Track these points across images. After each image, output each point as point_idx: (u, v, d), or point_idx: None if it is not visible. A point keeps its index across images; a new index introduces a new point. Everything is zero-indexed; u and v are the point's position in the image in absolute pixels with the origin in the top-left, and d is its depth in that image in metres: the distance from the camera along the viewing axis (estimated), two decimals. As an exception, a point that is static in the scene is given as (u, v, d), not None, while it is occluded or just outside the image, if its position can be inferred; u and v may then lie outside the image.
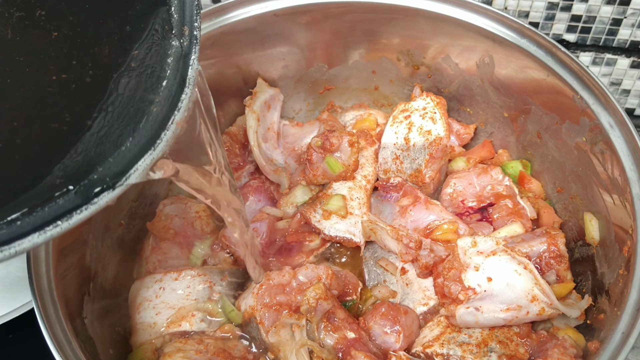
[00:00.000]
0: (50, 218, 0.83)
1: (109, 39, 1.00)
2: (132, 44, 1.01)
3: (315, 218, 1.59)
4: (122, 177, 0.88)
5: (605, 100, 1.42)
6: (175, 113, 0.96)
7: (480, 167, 1.69)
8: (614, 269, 1.39)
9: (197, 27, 1.04)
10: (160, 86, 0.98)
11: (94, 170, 0.87)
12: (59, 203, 0.84)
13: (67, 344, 1.17)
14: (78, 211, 0.84)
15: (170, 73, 0.99)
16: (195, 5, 1.05)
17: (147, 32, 1.02)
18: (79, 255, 1.42)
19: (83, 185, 0.86)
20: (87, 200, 0.85)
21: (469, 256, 1.40)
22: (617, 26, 1.89)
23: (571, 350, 1.35)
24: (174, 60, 1.00)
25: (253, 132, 1.71)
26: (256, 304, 1.42)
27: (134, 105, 0.95)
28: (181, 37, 1.03)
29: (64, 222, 0.83)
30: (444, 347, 1.41)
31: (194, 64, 1.01)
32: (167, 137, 0.94)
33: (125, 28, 1.02)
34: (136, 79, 0.98)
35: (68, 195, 0.85)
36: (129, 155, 0.90)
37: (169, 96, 0.97)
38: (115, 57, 0.99)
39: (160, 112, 0.95)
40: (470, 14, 1.59)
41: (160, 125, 0.94)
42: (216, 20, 1.61)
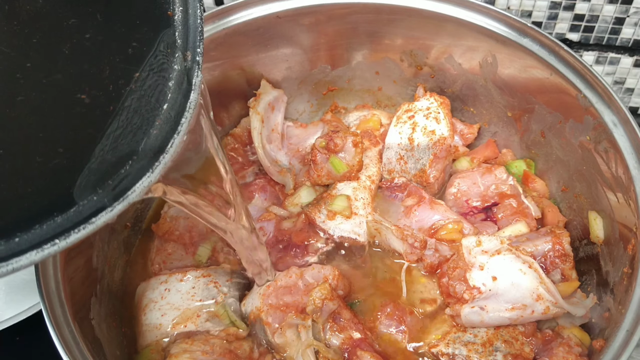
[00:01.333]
0: (48, 236, 0.84)
1: (111, 61, 1.00)
2: (134, 67, 1.01)
3: (320, 218, 1.59)
4: (120, 198, 0.90)
5: (608, 99, 1.42)
6: (175, 137, 0.97)
7: (484, 167, 1.69)
8: (619, 267, 1.39)
9: (199, 53, 1.05)
10: (160, 109, 0.98)
11: (94, 192, 0.89)
12: (57, 222, 0.85)
13: (74, 345, 1.17)
14: (76, 230, 0.86)
15: (171, 97, 1.00)
16: (199, 32, 1.06)
17: (150, 55, 1.02)
18: (86, 258, 1.43)
19: (82, 205, 0.87)
20: (85, 220, 0.86)
21: (474, 255, 1.41)
22: (620, 25, 1.89)
23: (576, 349, 1.35)
24: (175, 84, 1.01)
25: (257, 133, 1.72)
26: (262, 305, 1.42)
27: (133, 128, 0.96)
28: (184, 62, 1.03)
29: (62, 240, 0.85)
30: (449, 347, 1.42)
31: (196, 88, 1.02)
32: (165, 160, 0.96)
33: (127, 50, 1.02)
34: (137, 101, 0.98)
35: (67, 214, 0.86)
36: (128, 177, 0.92)
37: (168, 120, 0.98)
38: (115, 78, 0.99)
39: (159, 136, 0.96)
40: (473, 14, 1.59)
41: (159, 149, 0.96)
42: (220, 22, 1.62)
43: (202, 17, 1.07)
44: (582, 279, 1.53)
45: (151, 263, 1.57)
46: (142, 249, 1.60)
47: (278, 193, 1.69)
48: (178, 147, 0.98)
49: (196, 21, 1.07)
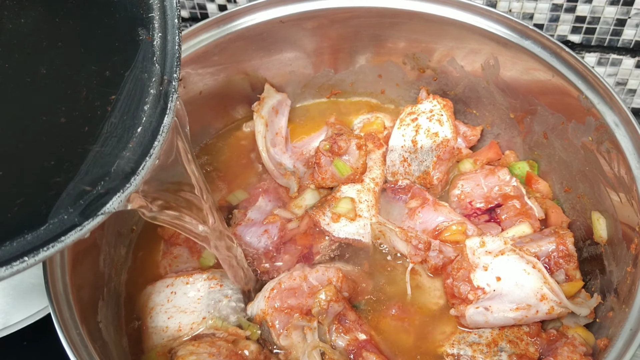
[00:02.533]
0: (18, 253, 0.86)
1: (88, 82, 1.02)
2: (111, 89, 1.03)
3: (325, 221, 1.60)
4: (90, 218, 0.93)
5: (610, 100, 1.43)
6: (147, 159, 1.00)
7: (488, 169, 1.70)
8: (622, 266, 1.40)
9: (175, 78, 1.08)
10: (134, 132, 1.01)
11: (66, 211, 0.91)
12: (27, 239, 0.88)
13: (83, 348, 1.18)
14: (45, 248, 0.88)
15: (146, 120, 1.02)
16: (177, 57, 1.09)
17: (127, 79, 1.05)
18: (93, 261, 1.44)
19: (52, 224, 0.90)
20: (54, 239, 0.89)
21: (478, 256, 1.42)
22: (622, 26, 1.90)
23: (581, 349, 1.35)
24: (151, 108, 1.04)
25: (261, 137, 1.73)
26: (267, 307, 1.43)
27: (107, 149, 0.99)
28: (160, 86, 1.06)
29: (30, 258, 0.87)
30: (454, 347, 1.42)
31: (170, 113, 1.05)
32: (136, 181, 0.98)
33: (105, 73, 1.04)
34: (112, 123, 1.00)
35: (37, 232, 0.88)
36: (99, 197, 0.94)
37: (141, 142, 1.01)
38: (92, 100, 1.01)
39: (132, 158, 0.99)
40: (475, 17, 1.60)
41: (132, 171, 0.98)
42: (223, 27, 1.63)
43: (179, 43, 1.10)
44: (586, 279, 1.54)
45: (157, 266, 1.58)
46: (148, 253, 1.61)
47: (282, 196, 1.70)
48: (150, 169, 1.00)
49: (174, 47, 1.09)
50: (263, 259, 1.57)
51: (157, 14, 1.09)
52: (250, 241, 1.59)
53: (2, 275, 0.85)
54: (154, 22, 1.09)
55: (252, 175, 1.75)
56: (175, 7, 1.10)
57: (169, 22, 1.09)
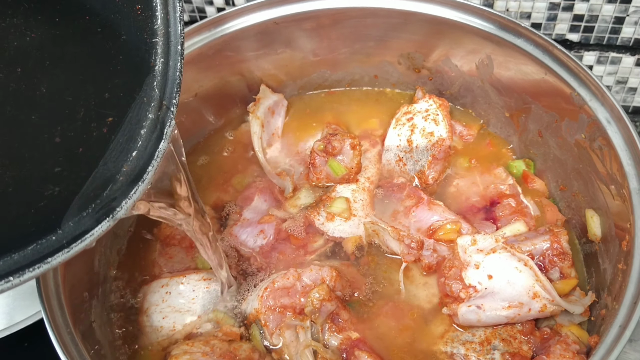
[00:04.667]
0: (3, 273, 0.87)
1: (86, 103, 1.03)
2: (109, 111, 1.03)
3: (319, 221, 1.61)
4: (78, 240, 0.94)
5: (602, 97, 1.43)
6: (139, 184, 1.01)
7: (483, 167, 1.70)
8: (615, 264, 1.39)
9: (174, 104, 1.09)
10: (129, 156, 1.02)
11: (54, 232, 0.92)
12: (13, 258, 0.88)
13: (74, 347, 1.20)
14: (31, 269, 0.89)
15: (141, 144, 1.03)
16: (177, 84, 1.10)
17: (126, 102, 1.05)
18: (88, 261, 1.46)
19: (40, 244, 0.91)
20: (40, 260, 0.90)
21: (469, 254, 1.41)
22: (620, 24, 1.89)
23: (574, 347, 1.35)
24: (147, 132, 1.04)
25: (257, 137, 1.74)
26: (260, 306, 1.44)
27: (101, 173, 0.99)
28: (158, 111, 1.07)
29: (16, 278, 0.87)
30: (447, 346, 1.42)
31: (166, 138, 1.05)
32: (127, 205, 0.99)
33: (104, 95, 1.04)
34: (106, 146, 1.01)
35: (24, 252, 0.89)
36: (89, 222, 0.95)
37: (136, 167, 1.01)
38: (88, 121, 1.02)
39: (125, 183, 1.00)
40: (468, 16, 1.60)
41: (123, 194, 0.99)
42: (219, 28, 1.65)
43: (181, 70, 1.11)
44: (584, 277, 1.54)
45: (152, 266, 1.59)
46: (143, 253, 1.62)
47: (278, 195, 1.70)
48: (142, 194, 1.01)
49: (175, 73, 1.10)
50: (258, 258, 1.58)
51: (161, 40, 1.10)
52: (245, 241, 1.60)
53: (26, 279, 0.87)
54: (157, 48, 1.09)
55: (247, 176, 1.75)
56: (179, 35, 1.11)
57: (172, 48, 1.10)
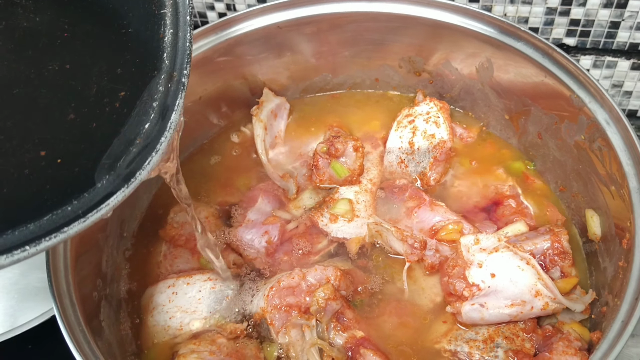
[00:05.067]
0: (19, 242, 0.88)
1: (99, 80, 1.04)
2: (121, 86, 1.04)
3: (323, 222, 1.63)
4: (93, 210, 0.94)
5: (601, 98, 1.46)
6: (153, 155, 1.01)
7: (484, 168, 1.73)
8: (615, 262, 1.42)
9: (185, 75, 1.09)
10: (142, 129, 1.02)
11: (69, 203, 0.93)
12: (29, 228, 0.89)
13: (86, 345, 1.21)
14: (47, 238, 0.90)
15: (154, 117, 1.03)
16: (187, 54, 1.10)
17: (137, 76, 1.06)
18: (96, 262, 1.47)
19: (55, 214, 0.91)
20: (56, 230, 0.91)
21: (472, 253, 1.44)
22: (616, 29, 1.92)
23: (576, 343, 1.37)
24: (159, 104, 1.05)
25: (260, 140, 1.76)
26: (266, 305, 1.45)
27: (115, 146, 1.00)
28: (169, 82, 1.07)
29: (32, 247, 0.88)
30: (451, 344, 1.44)
31: (178, 110, 1.06)
32: (142, 176, 1.00)
33: (116, 70, 1.05)
34: (120, 120, 1.02)
35: (39, 222, 0.90)
36: (103, 192, 0.96)
37: (149, 139, 1.02)
38: (101, 96, 1.03)
39: (138, 154, 1.00)
40: (468, 20, 1.63)
41: (137, 165, 1.00)
42: (222, 33, 1.67)
43: (191, 40, 1.11)
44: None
45: (158, 267, 1.60)
46: (149, 254, 1.64)
47: (281, 197, 1.72)
48: (155, 166, 1.02)
49: (185, 44, 1.10)
50: (263, 258, 1.59)
51: (169, 11, 1.10)
52: (250, 242, 1.62)
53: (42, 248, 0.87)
54: (165, 19, 1.10)
55: (251, 177, 1.77)
56: (187, 4, 1.11)
57: (180, 18, 1.10)
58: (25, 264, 1.81)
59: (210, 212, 1.68)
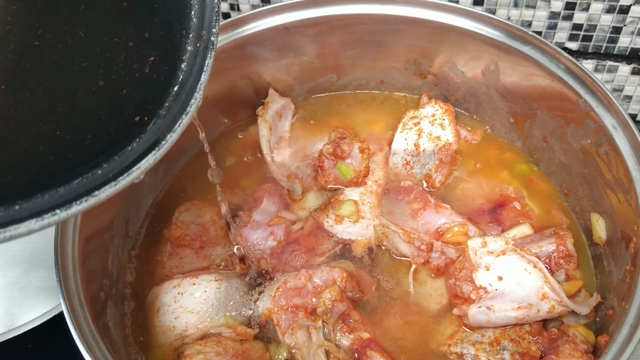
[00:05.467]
0: (49, 206, 0.86)
1: (126, 45, 1.02)
2: (149, 51, 1.03)
3: (328, 223, 1.63)
4: (124, 173, 0.93)
5: (608, 103, 1.46)
6: (183, 117, 1.00)
7: (489, 171, 1.74)
8: (621, 266, 1.43)
9: (214, 33, 1.06)
10: (171, 91, 1.00)
11: (100, 166, 0.91)
12: (59, 192, 0.87)
13: (95, 344, 1.20)
14: (78, 202, 0.88)
15: (183, 78, 1.02)
16: (215, 11, 1.07)
17: (166, 39, 1.04)
18: (102, 261, 1.47)
19: (86, 178, 0.90)
20: (87, 193, 0.89)
21: (480, 256, 1.44)
22: (617, 34, 1.94)
23: (582, 346, 1.38)
24: (188, 66, 1.02)
25: (265, 140, 1.76)
26: (273, 306, 1.45)
27: (145, 110, 0.98)
28: (197, 41, 1.05)
29: (63, 211, 0.86)
30: (457, 346, 1.44)
31: (207, 70, 1.03)
32: (172, 138, 0.98)
33: (144, 35, 1.03)
34: (149, 84, 1.00)
35: (69, 186, 0.88)
36: (134, 155, 0.94)
37: (178, 101, 1.00)
38: (130, 62, 1.01)
39: (168, 117, 0.99)
40: (475, 23, 1.63)
41: (167, 128, 0.98)
42: (229, 34, 1.66)
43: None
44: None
45: (163, 267, 1.60)
46: (154, 254, 1.63)
47: (286, 198, 1.72)
48: (183, 129, 1.00)
49: (213, 1, 1.08)
50: (269, 259, 1.59)
51: None
52: (256, 243, 1.61)
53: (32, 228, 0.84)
54: None
55: (256, 178, 1.77)
56: None
57: None
58: (28, 263, 1.80)
59: (216, 212, 1.67)
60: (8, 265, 1.80)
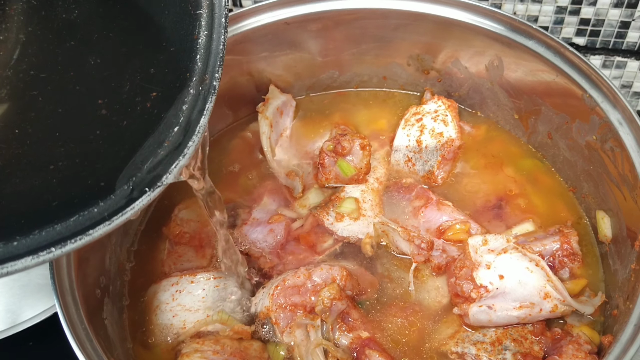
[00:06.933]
0: (45, 243, 0.87)
1: (132, 78, 1.03)
2: (153, 86, 1.04)
3: (329, 221, 1.61)
4: (118, 213, 0.93)
5: (614, 98, 1.43)
6: (180, 159, 1.00)
7: (492, 168, 1.71)
8: (626, 264, 1.40)
9: (217, 78, 1.08)
10: (171, 131, 1.02)
11: (96, 204, 0.92)
12: (56, 229, 0.88)
13: (88, 343, 1.19)
14: (72, 240, 0.89)
15: (183, 120, 1.03)
16: (220, 57, 1.09)
17: (170, 77, 1.05)
18: (100, 259, 1.46)
19: (82, 216, 0.90)
20: (82, 232, 0.90)
21: (480, 254, 1.42)
22: (626, 29, 1.90)
23: (586, 347, 1.35)
24: (189, 108, 1.04)
25: (266, 137, 1.74)
26: (271, 304, 1.44)
27: (143, 147, 0.99)
28: (200, 85, 1.06)
29: (57, 249, 0.87)
30: (458, 346, 1.42)
31: (207, 113, 1.05)
32: (168, 180, 0.99)
33: (150, 70, 1.05)
34: (149, 119, 1.01)
35: (66, 223, 0.89)
36: (129, 195, 0.95)
37: (177, 142, 1.01)
38: (133, 95, 1.02)
39: (166, 157, 0.99)
40: (479, 18, 1.61)
41: (164, 169, 0.99)
42: (230, 28, 1.64)
43: (224, 43, 1.10)
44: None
45: (162, 265, 1.59)
46: (152, 252, 1.62)
47: (287, 195, 1.70)
48: (181, 169, 1.00)
49: (219, 47, 1.10)
50: (268, 257, 1.58)
51: (205, 12, 1.09)
52: (255, 240, 1.60)
53: (28, 264, 0.85)
54: (201, 20, 1.09)
55: (256, 175, 1.75)
56: (223, 6, 1.10)
57: (216, 20, 1.10)
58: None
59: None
60: (9, 263, 1.80)
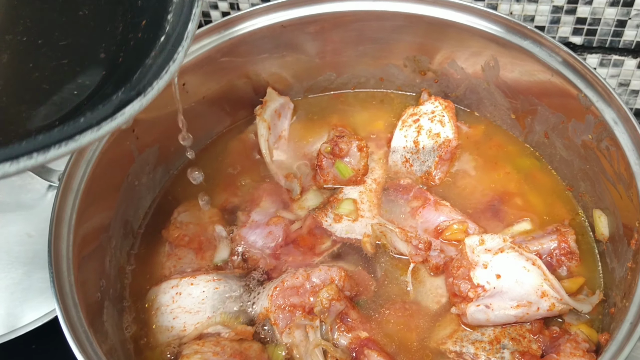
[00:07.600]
0: (25, 151, 0.85)
1: (124, 18, 1.05)
2: (142, 16, 1.05)
3: (327, 222, 1.62)
4: (108, 119, 0.92)
5: (608, 98, 1.44)
6: (170, 64, 1.00)
7: (489, 167, 1.72)
8: (623, 262, 1.40)
9: None
10: (157, 42, 1.01)
11: (83, 115, 0.91)
12: (37, 139, 0.86)
13: (89, 346, 1.20)
14: (57, 146, 0.86)
15: (169, 29, 1.02)
16: None
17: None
18: (99, 262, 1.47)
19: (67, 126, 0.89)
20: (68, 138, 0.88)
21: (477, 254, 1.42)
22: (622, 27, 1.91)
23: (584, 345, 1.36)
24: (174, 16, 1.03)
25: (264, 140, 1.75)
26: (270, 305, 1.45)
27: (130, 56, 1.00)
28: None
29: (40, 154, 0.85)
30: (457, 345, 1.43)
31: (195, 18, 1.04)
32: (159, 85, 0.98)
33: (137, 3, 1.06)
34: (141, 47, 1.01)
35: (49, 133, 0.87)
36: (117, 102, 0.94)
37: (165, 50, 1.01)
38: (127, 33, 1.04)
39: (155, 64, 0.99)
40: (474, 19, 1.62)
41: (154, 75, 0.98)
42: (225, 32, 1.66)
43: None
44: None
45: (161, 267, 1.60)
46: (152, 254, 1.63)
47: (285, 197, 1.71)
48: (172, 76, 1.00)
49: None
50: (267, 259, 1.59)
51: None
52: (254, 242, 1.61)
53: (7, 171, 0.84)
54: None
55: (255, 178, 1.76)
56: None
57: None
58: (30, 265, 1.81)
59: (214, 212, 1.67)
60: (10, 267, 1.81)
